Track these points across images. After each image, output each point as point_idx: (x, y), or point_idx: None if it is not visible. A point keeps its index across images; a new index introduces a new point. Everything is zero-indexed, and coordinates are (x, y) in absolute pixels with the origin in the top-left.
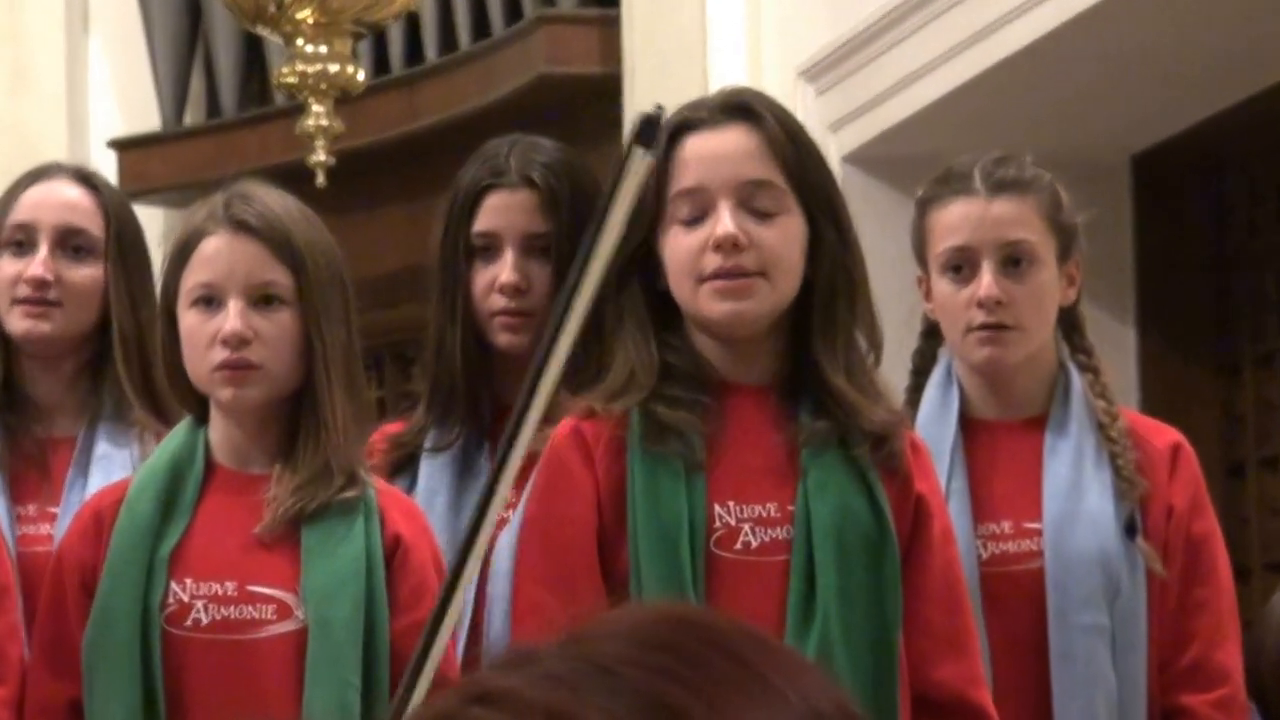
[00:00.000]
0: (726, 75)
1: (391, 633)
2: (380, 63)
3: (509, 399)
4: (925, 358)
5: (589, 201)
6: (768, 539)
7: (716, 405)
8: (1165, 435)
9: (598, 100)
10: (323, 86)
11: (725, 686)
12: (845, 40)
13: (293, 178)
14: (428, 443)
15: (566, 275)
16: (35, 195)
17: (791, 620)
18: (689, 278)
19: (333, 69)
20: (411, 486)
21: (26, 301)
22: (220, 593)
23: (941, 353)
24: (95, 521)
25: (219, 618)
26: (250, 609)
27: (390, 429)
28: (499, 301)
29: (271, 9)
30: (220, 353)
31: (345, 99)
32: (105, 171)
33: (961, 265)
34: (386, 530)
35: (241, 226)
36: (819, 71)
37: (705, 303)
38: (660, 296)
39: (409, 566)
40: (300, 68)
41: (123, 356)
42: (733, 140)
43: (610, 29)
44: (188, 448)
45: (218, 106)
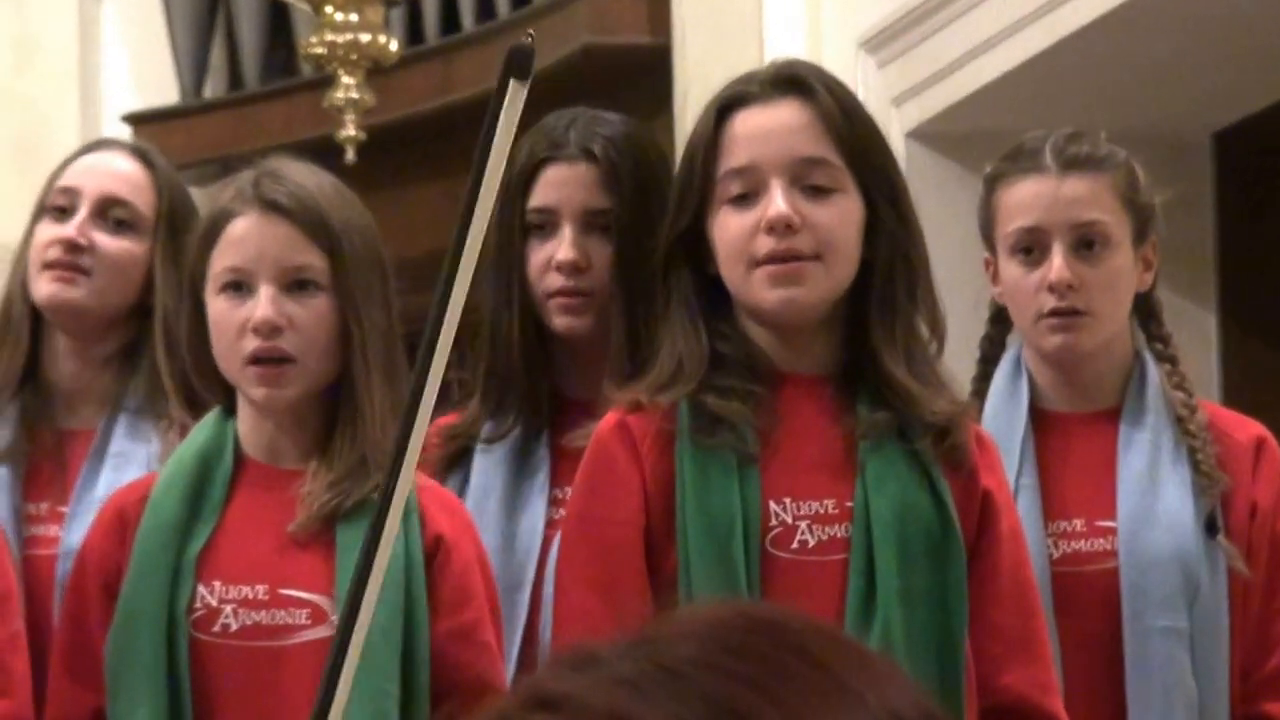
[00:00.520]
0: (783, 46)
1: (432, 638)
2: (414, 32)
3: (568, 387)
4: (993, 346)
5: (653, 176)
6: (825, 537)
7: (769, 396)
8: (1248, 429)
9: (646, 73)
10: (353, 57)
11: (799, 690)
12: (909, 9)
13: (320, 154)
14: (482, 435)
15: (626, 254)
16: (84, 163)
17: (850, 623)
18: (740, 262)
19: (364, 39)
20: (465, 482)
21: (56, 265)
22: (251, 596)
23: (1010, 340)
24: (118, 520)
25: (249, 623)
26: (282, 614)
27: (443, 421)
28: (556, 281)
29: None
30: (251, 342)
31: (377, 70)
32: None
33: (1031, 247)
34: (427, 529)
35: (272, 206)
36: (881, 42)
37: (757, 288)
38: (710, 281)
39: (451, 568)
40: (329, 37)
41: (164, 344)
42: (785, 116)
43: None
44: (216, 441)
45: (240, 78)
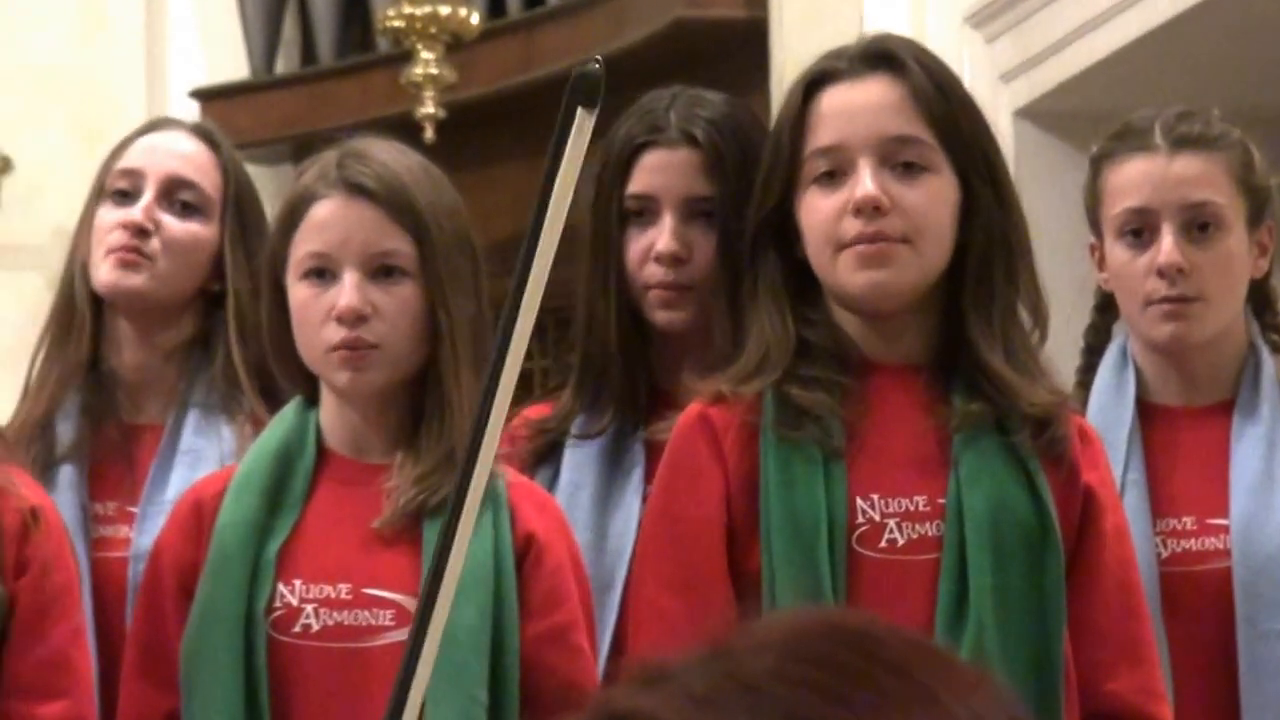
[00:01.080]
0: (884, 20)
1: (522, 641)
2: (496, 5)
3: (666, 382)
4: (1099, 335)
5: (758, 160)
6: (915, 535)
7: (858, 387)
8: None
9: (740, 48)
10: (432, 31)
11: (884, 702)
12: None
13: (397, 132)
14: (575, 429)
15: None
16: (147, 143)
17: (941, 627)
18: (826, 245)
19: (444, 11)
20: (555, 478)
21: (120, 250)
22: (333, 596)
23: (1116, 329)
24: (195, 515)
25: (331, 623)
26: (365, 614)
27: (532, 413)
28: (656, 273)
29: None
30: (335, 331)
31: (457, 45)
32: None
33: (1140, 229)
34: (518, 527)
35: (356, 189)
36: (987, 17)
37: (844, 272)
38: (797, 266)
39: (543, 568)
40: (408, 10)
41: (238, 332)
42: (874, 93)
43: None
44: (297, 433)
45: (313, 53)
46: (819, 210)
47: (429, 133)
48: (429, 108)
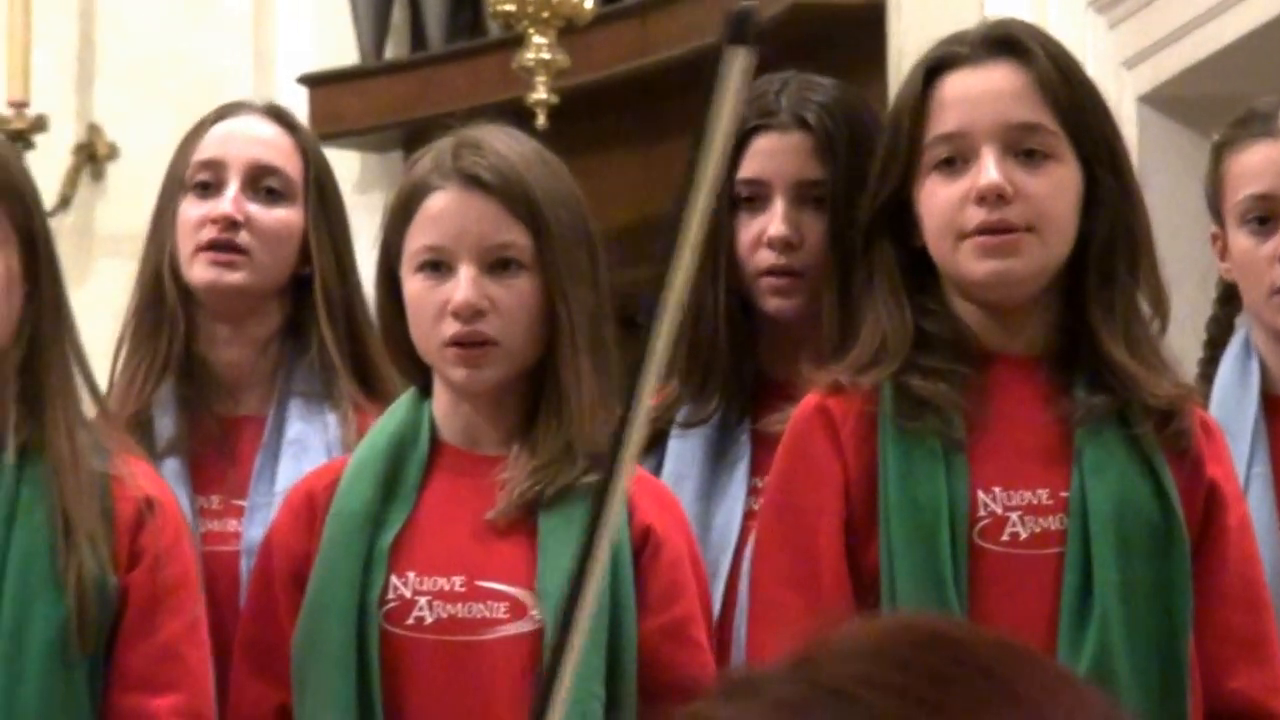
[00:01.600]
0: (1006, 5)
1: (640, 636)
2: None
3: (775, 371)
4: (1221, 326)
5: (869, 145)
6: (1038, 529)
7: (979, 378)
8: None
9: (858, 34)
10: (544, 15)
11: (975, 706)
12: None
13: (508, 119)
14: (679, 418)
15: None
16: (223, 130)
17: (1065, 622)
18: (948, 234)
19: None
20: (658, 469)
21: (212, 247)
22: (446, 588)
23: (1239, 321)
24: (307, 506)
25: (445, 616)
26: (480, 607)
27: None
28: (767, 258)
29: None
30: (451, 326)
31: (570, 30)
32: (294, 111)
33: (1264, 216)
34: (635, 520)
35: (472, 181)
36: (1110, 3)
37: (966, 262)
38: (915, 255)
39: (661, 562)
40: None
41: (327, 315)
42: (998, 79)
43: None
44: (411, 425)
45: (423, 38)
46: (940, 198)
47: (541, 119)
48: (541, 93)
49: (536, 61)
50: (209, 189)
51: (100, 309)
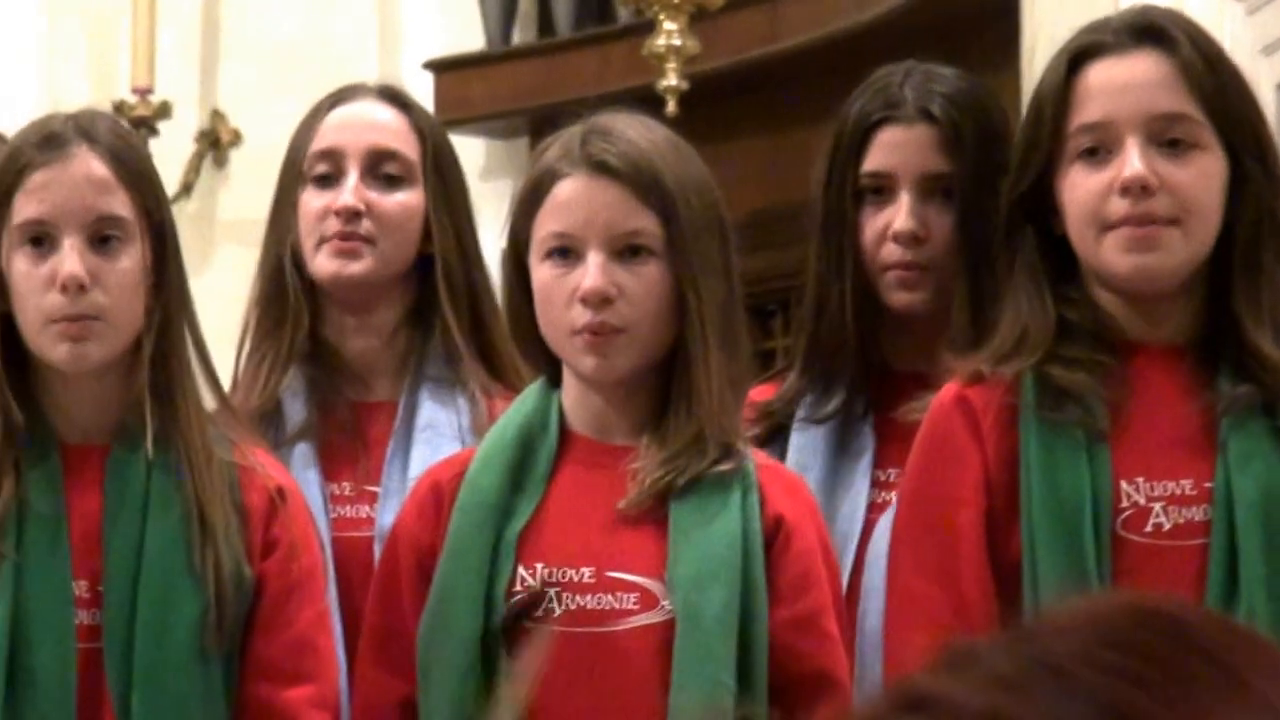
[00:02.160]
0: None
1: (771, 626)
2: None
3: (897, 361)
4: None
5: (996, 136)
6: (1182, 520)
7: (1121, 368)
8: None
9: (989, 23)
10: (675, 1)
11: (1196, 691)
12: None
13: (637, 105)
14: (802, 412)
15: (969, 221)
16: (339, 118)
17: None
18: (1091, 225)
19: None
20: (780, 462)
21: (336, 237)
22: (576, 579)
23: None
24: (434, 497)
25: (574, 607)
26: (609, 598)
27: (755, 395)
28: (893, 252)
29: None
30: (581, 314)
31: (701, 15)
32: (420, 97)
33: None
34: (767, 510)
35: (601, 168)
36: None
37: (1109, 254)
38: (1056, 243)
39: (792, 552)
40: None
41: (449, 298)
42: (1142, 68)
43: None
44: (540, 414)
45: (551, 23)
46: (1083, 188)
47: (671, 105)
48: (671, 80)
49: (667, 47)
50: (328, 179)
51: (222, 297)
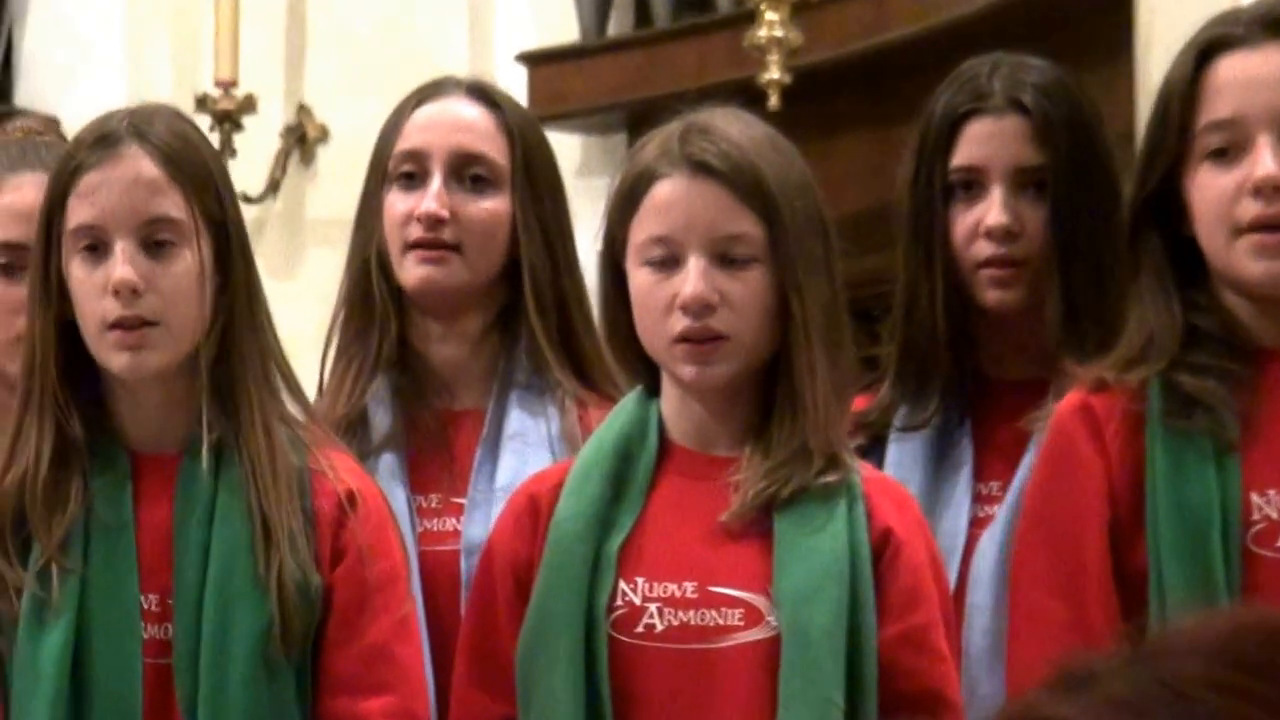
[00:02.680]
0: None
1: (880, 643)
2: None
3: (993, 367)
4: None
5: (1088, 127)
6: None
7: (1251, 375)
8: None
9: (1103, 10)
10: None
11: None
12: None
13: (739, 99)
14: (897, 422)
15: (1063, 215)
16: (424, 116)
17: None
18: (1220, 227)
19: None
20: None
21: (420, 245)
22: (678, 594)
23: None
24: (531, 510)
25: (676, 623)
26: (713, 613)
27: (854, 405)
28: (986, 249)
29: None
30: (680, 320)
31: (804, 5)
32: (513, 91)
33: None
34: (874, 522)
35: (701, 168)
36: None
37: (1240, 259)
38: (1183, 245)
39: (901, 565)
40: None
41: (536, 306)
42: (1275, 62)
43: None
44: (638, 424)
45: (648, 14)
46: (1213, 189)
47: (773, 100)
48: (774, 73)
49: (769, 39)
50: (413, 180)
51: (311, 298)
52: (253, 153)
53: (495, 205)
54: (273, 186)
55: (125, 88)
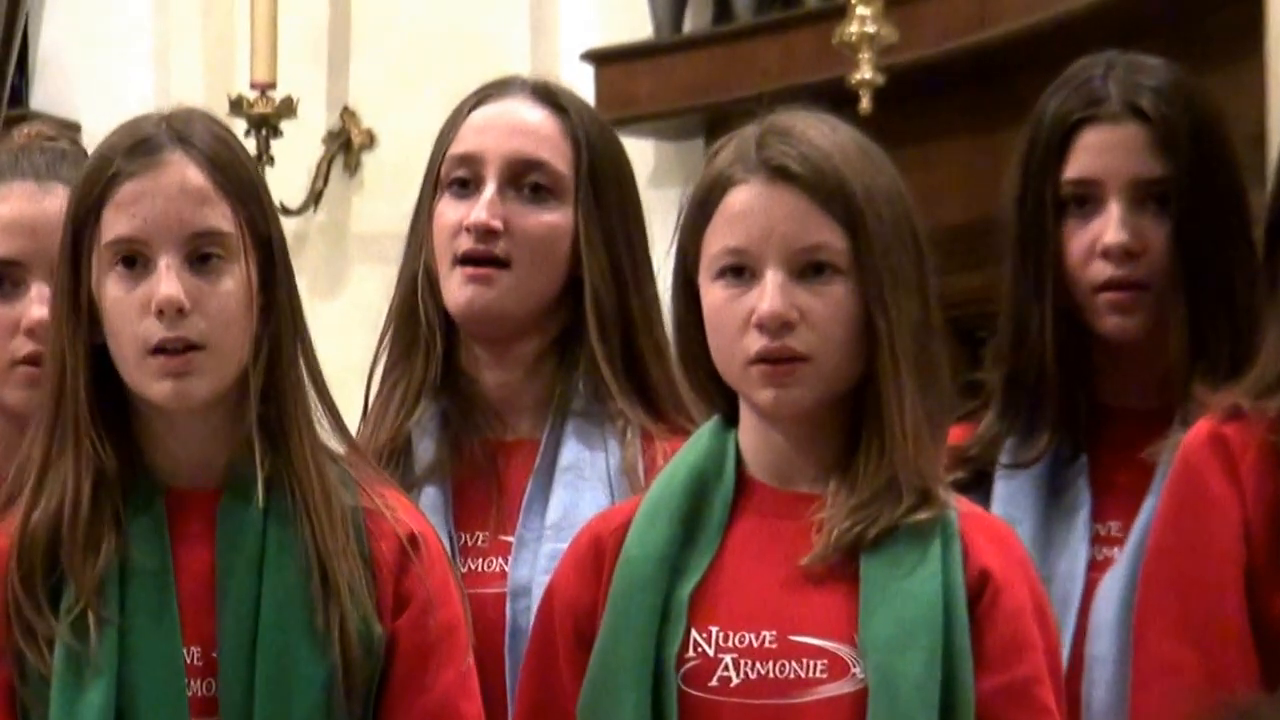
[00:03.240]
0: None
1: (977, 696)
2: None
3: (1110, 396)
4: None
5: (1214, 134)
6: None
7: None
8: None
9: (1229, 5)
10: None
11: None
12: None
13: (827, 101)
14: (1004, 457)
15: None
16: (483, 118)
17: None
18: None
19: None
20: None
21: (469, 260)
22: (755, 644)
23: None
24: (594, 553)
25: (754, 676)
26: (794, 665)
27: (952, 436)
28: (1103, 270)
29: None
30: (757, 340)
31: (899, 0)
32: (579, 91)
33: None
34: (970, 563)
35: (780, 173)
36: None
37: None
38: None
39: (1000, 611)
40: None
41: (597, 328)
42: None
43: None
44: (714, 457)
45: (728, 9)
46: None
47: (865, 102)
48: (865, 72)
49: (860, 36)
50: (466, 186)
51: (356, 319)
52: (292, 161)
53: (555, 218)
54: (314, 197)
55: (152, 90)
